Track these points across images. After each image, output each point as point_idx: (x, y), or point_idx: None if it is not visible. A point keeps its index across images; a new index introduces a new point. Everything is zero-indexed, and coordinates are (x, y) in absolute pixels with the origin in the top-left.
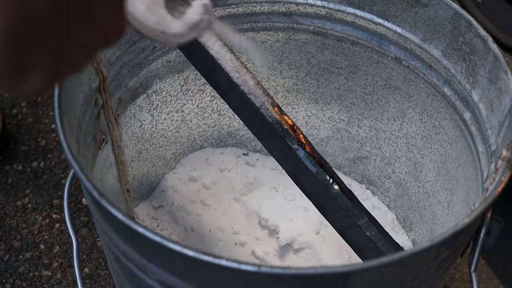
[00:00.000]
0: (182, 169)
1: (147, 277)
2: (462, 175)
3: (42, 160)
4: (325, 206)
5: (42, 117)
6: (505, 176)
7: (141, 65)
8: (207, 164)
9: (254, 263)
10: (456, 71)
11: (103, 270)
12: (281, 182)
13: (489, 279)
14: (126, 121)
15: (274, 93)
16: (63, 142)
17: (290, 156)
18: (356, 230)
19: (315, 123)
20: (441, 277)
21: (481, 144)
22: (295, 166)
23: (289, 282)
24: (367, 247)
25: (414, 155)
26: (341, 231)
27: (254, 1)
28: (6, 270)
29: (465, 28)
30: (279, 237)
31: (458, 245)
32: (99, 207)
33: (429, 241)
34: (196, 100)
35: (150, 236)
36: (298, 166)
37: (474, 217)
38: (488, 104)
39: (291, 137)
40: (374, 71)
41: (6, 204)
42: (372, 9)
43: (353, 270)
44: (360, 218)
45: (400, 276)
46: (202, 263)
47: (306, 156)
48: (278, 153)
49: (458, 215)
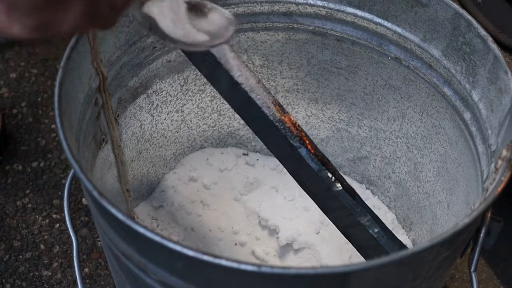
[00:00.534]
0: (182, 169)
1: (147, 277)
2: (462, 175)
3: (42, 160)
4: (327, 205)
5: (42, 117)
6: (505, 176)
7: (141, 65)
8: (207, 164)
9: (254, 263)
10: (456, 71)
11: (103, 270)
12: (281, 182)
13: (489, 279)
14: (126, 121)
15: (274, 93)
16: (63, 142)
17: (292, 155)
18: (359, 229)
19: (315, 123)
20: (441, 276)
21: (481, 144)
22: (297, 165)
23: (289, 282)
24: (370, 245)
25: (414, 155)
26: (343, 230)
27: (254, 1)
28: (6, 270)
29: (465, 28)
30: (279, 237)
31: (458, 245)
32: (99, 207)
33: (429, 241)
34: (196, 100)
35: (150, 236)
36: (300, 164)
37: (474, 217)
38: (488, 104)
39: (293, 136)
40: (374, 71)
41: (6, 204)
42: (372, 9)
43: (353, 270)
44: (363, 216)
45: (400, 275)
46: (202, 263)
47: (308, 154)
48: (280, 152)
49: (458, 215)
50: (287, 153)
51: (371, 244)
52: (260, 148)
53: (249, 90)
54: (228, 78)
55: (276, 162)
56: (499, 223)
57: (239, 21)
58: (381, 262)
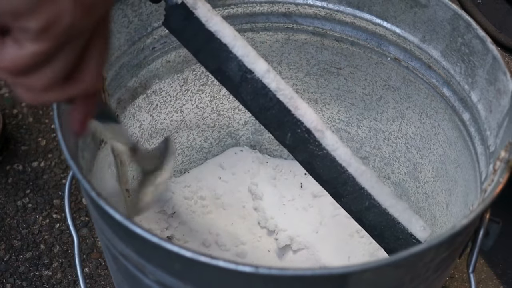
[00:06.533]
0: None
1: (146, 277)
2: (461, 176)
3: (42, 160)
4: (342, 190)
5: (42, 117)
6: (503, 178)
7: (141, 66)
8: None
9: (252, 264)
10: (455, 72)
11: (103, 270)
12: (281, 182)
13: (489, 278)
14: (126, 121)
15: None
16: (61, 143)
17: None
18: (376, 211)
19: None
20: (439, 277)
21: (479, 145)
22: (311, 152)
23: (287, 283)
24: (387, 227)
25: (413, 155)
26: (358, 215)
27: (253, 2)
28: (6, 270)
29: (464, 29)
30: (278, 237)
31: (456, 246)
32: (98, 208)
33: (427, 243)
34: (195, 100)
35: (148, 237)
36: (315, 149)
37: (472, 218)
38: (487, 105)
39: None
40: (374, 71)
41: (6, 204)
42: (371, 10)
43: (351, 271)
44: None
45: (398, 277)
46: (199, 264)
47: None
48: (293, 140)
49: (457, 215)
50: (301, 140)
51: (388, 225)
52: (260, 148)
53: (261, 76)
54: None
55: (276, 162)
56: (497, 224)
57: (238, 22)
58: (379, 263)
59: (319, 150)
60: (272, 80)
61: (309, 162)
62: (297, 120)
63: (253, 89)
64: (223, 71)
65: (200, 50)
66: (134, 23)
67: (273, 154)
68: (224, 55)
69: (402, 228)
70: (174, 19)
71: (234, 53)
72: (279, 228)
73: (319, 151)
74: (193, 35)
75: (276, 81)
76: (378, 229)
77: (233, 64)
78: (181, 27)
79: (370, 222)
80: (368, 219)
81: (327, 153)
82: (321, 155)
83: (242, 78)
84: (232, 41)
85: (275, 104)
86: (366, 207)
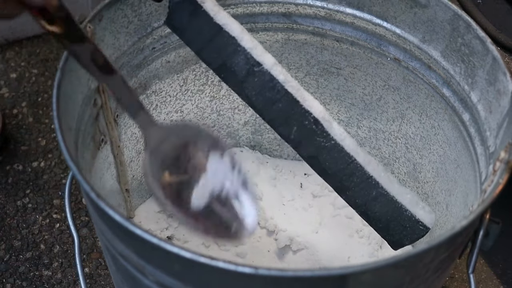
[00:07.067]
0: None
1: (145, 278)
2: (461, 176)
3: (42, 160)
4: (349, 182)
5: (42, 117)
6: (503, 178)
7: (140, 66)
8: None
9: (251, 265)
10: (455, 72)
11: (103, 270)
12: (280, 182)
13: (489, 278)
14: (126, 121)
15: None
16: (61, 144)
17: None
18: (383, 200)
19: None
20: (439, 278)
21: (479, 146)
22: (319, 144)
23: (287, 284)
24: (393, 216)
25: (413, 155)
26: (363, 208)
27: (253, 2)
28: (6, 270)
29: (464, 29)
30: (277, 238)
31: (456, 246)
32: (97, 209)
33: (427, 243)
34: (195, 101)
35: (148, 238)
36: (323, 141)
37: (471, 219)
38: (487, 105)
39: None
40: (373, 71)
41: (6, 204)
42: (371, 10)
43: (350, 272)
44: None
45: (398, 277)
46: (199, 265)
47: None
48: (298, 134)
49: (457, 216)
50: (308, 133)
51: (395, 214)
52: (260, 148)
53: (269, 68)
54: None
55: (276, 162)
56: (497, 225)
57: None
58: (379, 264)
59: (326, 141)
60: (280, 72)
61: (314, 156)
62: (305, 111)
63: (260, 83)
64: (227, 67)
65: (204, 47)
66: (133, 23)
67: (273, 154)
68: (231, 49)
69: (410, 216)
70: (178, 16)
71: (242, 46)
72: (278, 228)
73: (326, 142)
74: (199, 31)
75: (283, 73)
76: (383, 220)
77: (239, 58)
78: (185, 24)
79: (375, 214)
80: (374, 211)
81: (335, 144)
82: (329, 146)
83: (248, 72)
84: (240, 34)
85: (282, 96)
86: (373, 197)
